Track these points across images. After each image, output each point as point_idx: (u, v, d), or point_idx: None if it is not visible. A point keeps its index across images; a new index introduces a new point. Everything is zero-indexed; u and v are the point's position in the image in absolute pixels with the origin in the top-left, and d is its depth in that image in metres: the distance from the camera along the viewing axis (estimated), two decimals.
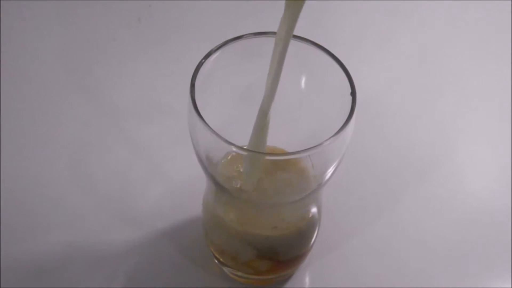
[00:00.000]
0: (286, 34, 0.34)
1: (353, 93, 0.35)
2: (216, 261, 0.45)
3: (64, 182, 0.49)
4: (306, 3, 0.33)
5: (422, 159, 0.52)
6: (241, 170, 0.39)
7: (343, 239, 0.47)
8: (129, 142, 0.52)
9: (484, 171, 0.52)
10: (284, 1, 0.33)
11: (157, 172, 0.50)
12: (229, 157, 0.40)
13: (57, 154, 0.51)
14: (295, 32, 0.34)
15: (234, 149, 0.34)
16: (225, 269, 0.45)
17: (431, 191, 0.50)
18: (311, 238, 0.43)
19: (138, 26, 0.60)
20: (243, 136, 0.37)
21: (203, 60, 0.36)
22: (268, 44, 0.37)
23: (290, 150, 0.36)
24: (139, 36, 0.60)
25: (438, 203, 0.50)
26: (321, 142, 0.34)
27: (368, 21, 0.63)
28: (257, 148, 0.37)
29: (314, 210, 0.42)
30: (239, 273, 0.44)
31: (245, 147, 0.36)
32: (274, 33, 0.37)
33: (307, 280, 0.46)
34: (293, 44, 0.37)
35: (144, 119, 0.53)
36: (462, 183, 0.51)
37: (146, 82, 0.56)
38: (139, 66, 0.57)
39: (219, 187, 0.38)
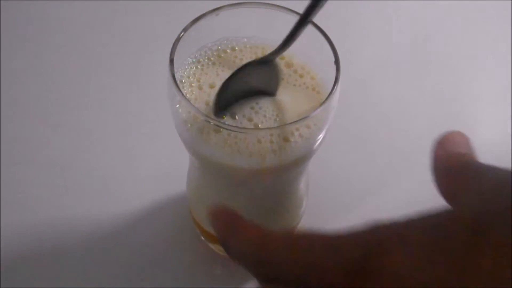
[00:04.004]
0: None
1: (337, 62, 0.34)
2: (203, 238, 0.44)
3: (48, 162, 0.49)
4: None
5: (415, 137, 0.51)
6: None
7: (330, 216, 0.47)
8: (112, 121, 0.51)
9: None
10: None
11: (141, 151, 0.49)
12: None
13: (44, 138, 0.50)
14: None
15: (212, 123, 0.33)
16: (212, 246, 0.44)
17: (421, 170, 0.50)
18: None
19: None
20: None
21: (181, 34, 0.35)
22: (246, 15, 0.36)
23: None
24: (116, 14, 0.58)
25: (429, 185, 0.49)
26: (308, 114, 0.33)
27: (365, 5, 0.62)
28: None
29: (301, 185, 0.41)
30: None
31: (223, 122, 0.35)
32: (251, 3, 0.36)
33: None
34: (274, 15, 0.36)
35: (127, 98, 0.53)
36: None
37: (124, 59, 0.55)
38: (116, 44, 0.56)
39: (201, 161, 0.37)
